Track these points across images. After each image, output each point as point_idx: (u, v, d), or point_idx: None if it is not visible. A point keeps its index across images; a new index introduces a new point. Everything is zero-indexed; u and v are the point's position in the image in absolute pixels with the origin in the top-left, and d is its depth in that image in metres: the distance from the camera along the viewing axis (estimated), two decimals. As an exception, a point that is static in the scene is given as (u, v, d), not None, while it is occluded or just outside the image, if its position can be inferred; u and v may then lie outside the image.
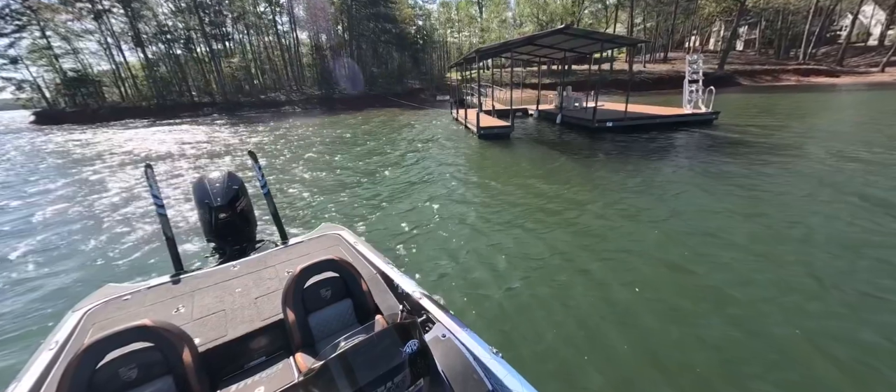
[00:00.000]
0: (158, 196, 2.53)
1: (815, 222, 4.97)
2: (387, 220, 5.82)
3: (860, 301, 3.31)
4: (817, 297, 3.39)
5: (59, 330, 1.83)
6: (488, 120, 14.27)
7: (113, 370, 1.36)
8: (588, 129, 13.14)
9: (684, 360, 2.74)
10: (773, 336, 2.94)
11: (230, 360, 1.73)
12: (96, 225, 6.20)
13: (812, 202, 5.72)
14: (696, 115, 13.41)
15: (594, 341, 2.96)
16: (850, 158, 8.19)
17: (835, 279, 3.63)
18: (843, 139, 10.23)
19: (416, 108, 30.10)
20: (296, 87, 42.25)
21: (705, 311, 3.28)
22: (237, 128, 21.56)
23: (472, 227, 5.34)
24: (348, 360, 1.09)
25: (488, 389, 1.33)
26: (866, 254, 4.09)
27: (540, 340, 2.99)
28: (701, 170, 7.89)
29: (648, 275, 3.87)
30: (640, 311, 3.30)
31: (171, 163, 11.46)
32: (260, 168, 3.07)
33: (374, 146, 12.99)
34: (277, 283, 2.17)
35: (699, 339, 2.94)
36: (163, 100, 35.62)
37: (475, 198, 6.76)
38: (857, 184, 6.47)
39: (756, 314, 3.20)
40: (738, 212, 5.46)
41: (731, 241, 4.52)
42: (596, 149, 10.72)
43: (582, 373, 2.67)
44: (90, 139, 19.10)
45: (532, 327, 3.14)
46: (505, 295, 3.60)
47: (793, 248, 4.29)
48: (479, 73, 16.73)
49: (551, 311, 3.34)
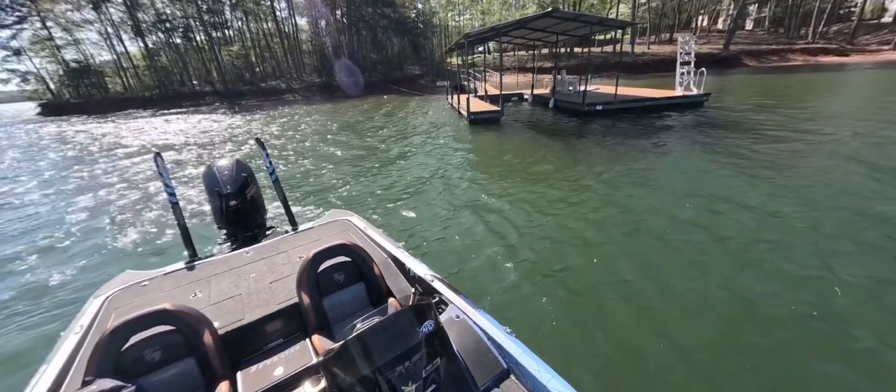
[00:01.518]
0: (169, 184, 2.54)
1: (777, 200, 5.20)
2: (377, 194, 6.17)
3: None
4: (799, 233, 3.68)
5: (83, 315, 1.89)
6: (479, 105, 14.40)
7: (138, 352, 1.42)
8: (578, 113, 13.23)
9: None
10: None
11: (249, 342, 1.78)
12: (113, 213, 6.42)
13: (776, 178, 5.93)
14: (686, 97, 13.41)
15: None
16: (811, 135, 8.30)
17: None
18: (819, 120, 10.27)
19: (415, 95, 30.10)
20: (296, 75, 42.30)
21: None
22: (239, 116, 21.88)
23: (449, 203, 5.70)
24: (366, 340, 1.11)
25: (504, 368, 1.38)
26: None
27: (465, 262, 3.32)
28: (678, 149, 8.07)
29: (582, 246, 4.18)
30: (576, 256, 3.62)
31: (180, 152, 11.78)
32: (267, 155, 3.06)
33: (372, 131, 13.26)
34: (290, 269, 2.22)
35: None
36: (164, 89, 35.98)
37: (454, 176, 7.05)
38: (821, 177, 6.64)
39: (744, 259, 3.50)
40: (702, 194, 5.70)
41: (673, 216, 4.79)
42: (580, 133, 10.87)
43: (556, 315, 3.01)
44: (98, 130, 19.57)
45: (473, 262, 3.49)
46: (458, 251, 3.95)
47: (753, 235, 4.55)
48: (484, 56, 16.73)
49: (498, 266, 3.68)
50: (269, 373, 1.60)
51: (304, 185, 7.25)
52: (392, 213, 5.59)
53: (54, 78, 34.86)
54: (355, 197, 6.44)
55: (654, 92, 14.95)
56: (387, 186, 6.91)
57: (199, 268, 2.33)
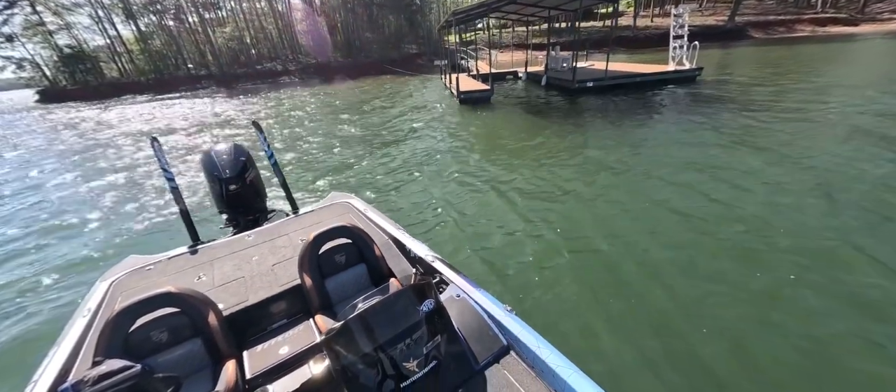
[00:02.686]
0: (168, 169, 2.54)
1: (748, 176, 5.38)
2: (370, 167, 6.43)
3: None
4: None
5: (90, 298, 1.93)
6: (470, 84, 14.33)
7: (145, 334, 1.46)
8: (569, 90, 13.18)
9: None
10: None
11: (253, 322, 1.82)
12: (116, 199, 6.49)
13: (757, 152, 6.07)
14: (678, 71, 13.28)
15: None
16: (795, 115, 8.33)
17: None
18: (808, 93, 10.22)
19: (412, 75, 29.75)
20: (292, 56, 41.76)
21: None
22: (236, 100, 21.93)
23: (429, 176, 5.96)
24: (367, 319, 1.13)
25: (503, 344, 1.41)
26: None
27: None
28: (662, 127, 8.16)
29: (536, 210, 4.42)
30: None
31: (179, 135, 11.91)
32: (265, 138, 3.04)
33: (367, 113, 13.36)
34: (292, 251, 2.24)
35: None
36: (160, 74, 35.80)
37: (440, 150, 7.26)
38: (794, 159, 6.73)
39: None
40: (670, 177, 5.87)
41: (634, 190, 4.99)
42: (567, 111, 10.90)
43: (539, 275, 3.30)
44: (97, 116, 19.73)
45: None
46: (426, 217, 4.22)
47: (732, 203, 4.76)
48: (483, 33, 16.46)
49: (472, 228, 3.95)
50: (275, 351, 1.64)
51: (301, 168, 7.43)
52: (381, 191, 5.84)
53: (49, 64, 34.74)
54: (349, 177, 6.65)
55: (646, 67, 14.78)
56: (375, 168, 7.13)
57: (202, 252, 2.37)
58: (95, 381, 0.98)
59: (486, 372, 1.34)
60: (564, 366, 1.22)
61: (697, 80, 13.28)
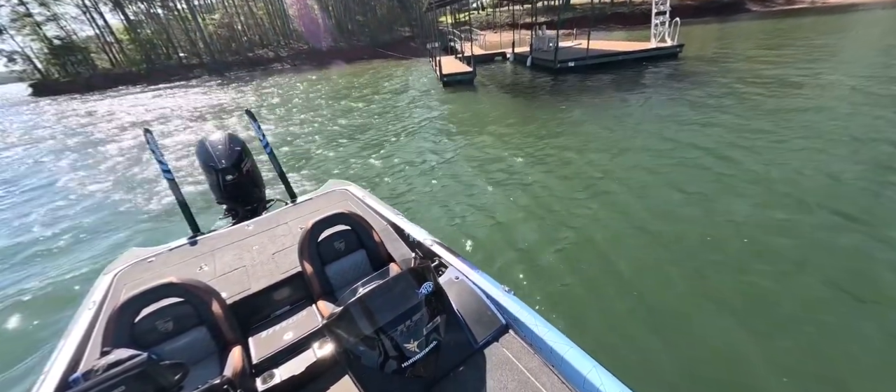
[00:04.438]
0: (163, 161, 2.54)
1: (708, 150, 5.68)
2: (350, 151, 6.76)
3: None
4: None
5: (94, 291, 1.97)
6: (453, 66, 14.42)
7: (150, 324, 1.49)
8: (551, 70, 13.29)
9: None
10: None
11: (257, 310, 1.86)
12: (114, 192, 6.53)
13: (715, 127, 6.35)
14: (659, 49, 13.33)
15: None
16: (757, 88, 8.52)
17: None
18: (779, 65, 10.35)
19: (404, 59, 29.55)
20: (284, 43, 41.32)
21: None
22: (229, 88, 22.01)
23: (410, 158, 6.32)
24: (367, 303, 1.16)
25: (502, 323, 1.45)
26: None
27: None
28: (636, 104, 8.40)
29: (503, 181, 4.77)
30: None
31: (173, 126, 12.04)
32: (259, 126, 3.03)
33: (355, 99, 13.55)
34: (292, 239, 2.24)
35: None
36: (151, 64, 35.63)
37: (421, 136, 7.58)
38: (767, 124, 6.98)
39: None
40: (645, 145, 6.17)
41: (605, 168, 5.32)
42: (549, 90, 11.08)
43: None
44: (90, 109, 19.92)
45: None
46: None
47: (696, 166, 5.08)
48: (477, 13, 16.37)
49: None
50: (279, 337, 1.68)
51: (296, 158, 7.51)
52: (363, 172, 6.20)
53: (40, 57, 34.62)
54: (334, 161, 6.94)
55: (627, 45, 14.80)
56: (357, 152, 7.46)
57: (202, 242, 2.40)
58: (104, 369, 1.00)
59: (486, 350, 1.38)
60: (561, 342, 1.26)
61: (679, 56, 13.34)
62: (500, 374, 1.28)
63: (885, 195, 3.82)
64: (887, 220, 3.42)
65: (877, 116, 5.96)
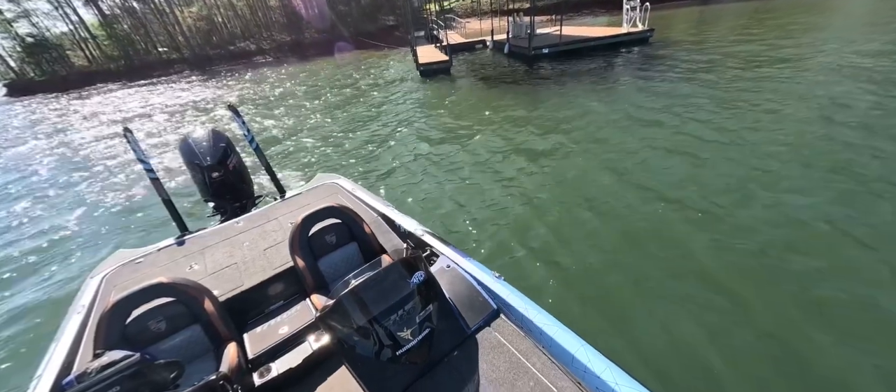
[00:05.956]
0: (145, 159, 2.50)
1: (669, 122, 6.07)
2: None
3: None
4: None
5: (83, 295, 1.93)
6: (430, 56, 14.55)
7: (142, 324, 1.47)
8: (527, 57, 13.53)
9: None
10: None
11: (251, 306, 1.86)
12: (98, 193, 6.42)
13: (671, 102, 6.75)
14: (630, 34, 13.62)
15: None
16: (706, 65, 8.93)
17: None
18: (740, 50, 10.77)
19: (389, 49, 29.36)
20: (266, 35, 40.62)
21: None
22: (211, 83, 21.78)
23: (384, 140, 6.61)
24: (360, 294, 1.18)
25: (494, 308, 1.48)
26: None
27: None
28: (600, 89, 8.76)
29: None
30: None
31: (156, 124, 11.96)
32: (243, 122, 2.96)
33: (335, 91, 13.66)
34: (282, 235, 2.24)
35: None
36: (130, 60, 34.86)
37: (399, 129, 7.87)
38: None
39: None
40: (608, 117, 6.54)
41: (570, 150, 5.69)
42: (523, 79, 11.35)
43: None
44: (70, 108, 19.61)
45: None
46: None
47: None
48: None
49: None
50: (274, 331, 1.69)
51: (281, 153, 7.52)
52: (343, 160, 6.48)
53: (13, 55, 33.62)
54: (310, 153, 7.18)
55: (599, 30, 15.06)
56: (339, 143, 7.73)
57: (191, 241, 2.38)
58: (98, 371, 1.00)
59: (478, 335, 1.41)
60: (551, 324, 1.30)
61: (649, 41, 13.67)
62: (493, 358, 1.32)
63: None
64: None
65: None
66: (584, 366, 1.15)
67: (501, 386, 1.23)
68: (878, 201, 3.46)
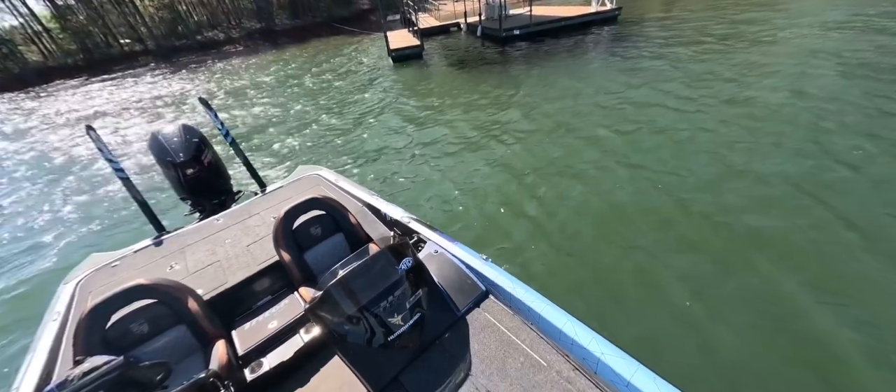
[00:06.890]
0: (113, 159, 2.39)
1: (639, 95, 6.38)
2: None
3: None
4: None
5: (57, 302, 1.86)
6: (401, 41, 14.42)
7: (123, 328, 1.42)
8: (499, 39, 13.61)
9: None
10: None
11: (238, 302, 1.83)
12: (66, 197, 6.18)
13: (626, 73, 7.07)
14: (599, 13, 13.84)
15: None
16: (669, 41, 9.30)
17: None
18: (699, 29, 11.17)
19: (364, 35, 28.71)
20: (235, 23, 38.89)
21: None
22: (178, 75, 20.95)
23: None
24: (348, 283, 1.18)
25: (482, 290, 1.52)
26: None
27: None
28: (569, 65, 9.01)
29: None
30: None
31: (122, 120, 11.57)
32: (216, 115, 2.87)
33: (305, 78, 13.46)
34: (265, 229, 2.21)
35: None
36: (89, 54, 32.97)
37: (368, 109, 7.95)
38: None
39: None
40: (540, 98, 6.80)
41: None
42: (494, 60, 11.48)
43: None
44: (27, 107, 18.64)
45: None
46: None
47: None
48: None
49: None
50: (263, 327, 1.67)
51: (257, 146, 7.42)
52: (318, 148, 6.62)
53: (-42, 53, 31.28)
54: (272, 135, 7.24)
55: (569, 10, 15.20)
56: (312, 135, 7.76)
57: (169, 241, 2.31)
58: (79, 378, 0.97)
59: (468, 316, 1.45)
60: (538, 301, 1.33)
61: (618, 19, 13.92)
62: (483, 337, 1.35)
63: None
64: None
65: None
66: (572, 339, 1.19)
67: (492, 363, 1.26)
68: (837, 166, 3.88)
